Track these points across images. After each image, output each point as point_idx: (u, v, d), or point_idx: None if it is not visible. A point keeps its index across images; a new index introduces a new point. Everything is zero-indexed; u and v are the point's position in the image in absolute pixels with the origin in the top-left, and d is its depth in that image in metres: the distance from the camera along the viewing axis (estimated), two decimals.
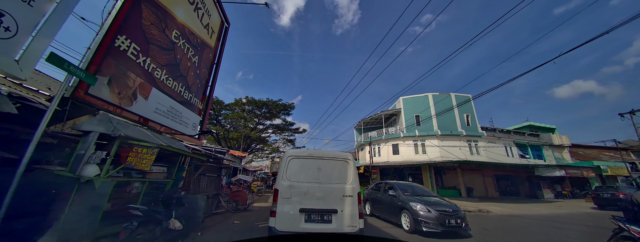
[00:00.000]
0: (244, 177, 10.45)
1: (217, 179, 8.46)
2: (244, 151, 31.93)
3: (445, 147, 22.11)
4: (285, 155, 4.84)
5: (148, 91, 5.92)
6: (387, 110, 26.61)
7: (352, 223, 4.23)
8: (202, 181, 7.08)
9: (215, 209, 8.00)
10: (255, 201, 13.08)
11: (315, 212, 4.23)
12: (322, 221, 4.21)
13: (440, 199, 7.52)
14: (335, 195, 4.41)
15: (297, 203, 4.24)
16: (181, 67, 7.33)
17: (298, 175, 4.52)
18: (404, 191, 7.82)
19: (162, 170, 5.11)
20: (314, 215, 4.23)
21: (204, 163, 6.94)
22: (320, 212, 4.24)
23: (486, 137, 23.37)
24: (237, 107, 27.61)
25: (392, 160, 24.12)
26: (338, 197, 4.39)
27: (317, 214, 4.23)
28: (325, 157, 4.80)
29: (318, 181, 4.51)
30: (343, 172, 4.71)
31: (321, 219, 4.22)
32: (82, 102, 4.31)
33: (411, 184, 8.97)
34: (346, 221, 4.24)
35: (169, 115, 6.67)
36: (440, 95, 24.59)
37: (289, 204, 4.22)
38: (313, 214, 4.22)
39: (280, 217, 4.11)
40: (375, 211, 8.98)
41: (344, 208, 4.32)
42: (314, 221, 4.20)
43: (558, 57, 7.26)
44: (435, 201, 6.95)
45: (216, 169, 8.50)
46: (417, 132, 23.27)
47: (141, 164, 3.61)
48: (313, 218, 4.21)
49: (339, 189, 4.48)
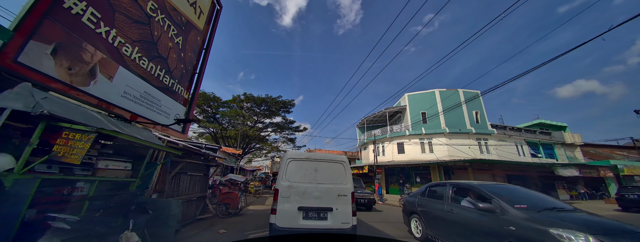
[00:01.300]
0: (235, 177, 9.31)
1: (203, 179, 7.32)
2: (243, 151, 30.84)
3: (454, 145, 20.96)
4: (284, 157, 5.11)
5: (113, 70, 4.83)
6: (392, 107, 25.49)
7: (346, 220, 4.56)
8: (182, 181, 5.94)
9: (201, 214, 6.88)
10: (251, 204, 11.97)
11: (313, 210, 4.53)
12: (319, 218, 4.53)
13: (590, 214, 3.85)
14: (331, 194, 4.69)
15: (296, 202, 4.52)
16: (160, 46, 6.23)
17: (297, 176, 4.80)
18: (511, 203, 3.93)
19: (123, 166, 4.02)
20: (311, 213, 4.53)
21: (182, 159, 5.80)
22: (317, 210, 4.55)
23: (496, 135, 22.22)
24: (235, 104, 26.48)
25: (398, 159, 22.99)
26: (333, 197, 4.68)
27: (314, 212, 4.54)
28: (322, 159, 5.10)
29: (315, 182, 4.79)
30: (338, 173, 4.99)
31: (318, 216, 4.54)
32: (9, 73, 3.22)
33: (508, 186, 5.21)
34: (341, 218, 4.56)
35: (143, 102, 5.57)
36: (447, 91, 23.45)
37: (288, 203, 4.50)
38: (310, 211, 4.53)
39: (280, 215, 4.39)
40: (439, 235, 5.02)
41: (338, 206, 4.61)
42: (311, 218, 4.51)
43: (568, 52, 6.20)
44: (608, 223, 3.39)
45: (202, 168, 7.36)
46: (424, 130, 22.14)
47: (70, 154, 2.54)
48: (310, 215, 4.51)
49: (334, 189, 4.77)
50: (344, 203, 4.66)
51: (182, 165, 5.75)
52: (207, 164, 7.60)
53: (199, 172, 7.03)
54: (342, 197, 4.71)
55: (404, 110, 25.39)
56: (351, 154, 43.53)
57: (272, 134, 33.65)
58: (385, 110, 25.41)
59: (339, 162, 5.11)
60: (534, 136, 24.33)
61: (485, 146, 21.75)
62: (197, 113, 27.01)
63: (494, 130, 22.03)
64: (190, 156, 6.25)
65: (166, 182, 5.04)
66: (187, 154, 6.07)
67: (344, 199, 4.69)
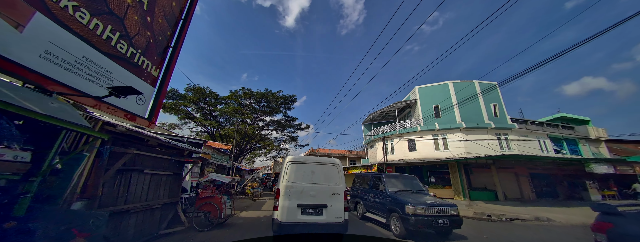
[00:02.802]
0: (217, 176, 7.57)
1: (173, 180, 5.62)
2: (240, 150, 29.24)
3: (471, 141, 19.14)
4: (285, 160, 5.73)
5: (23, 15, 3.24)
6: (400, 101, 23.73)
7: (339, 215, 5.16)
8: (135, 182, 4.27)
9: (169, 227, 5.22)
10: (245, 209, 10.32)
11: (310, 207, 5.14)
12: (315, 214, 5.13)
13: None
14: (326, 193, 5.30)
15: (295, 199, 5.12)
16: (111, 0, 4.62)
17: (296, 177, 5.38)
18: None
19: (12, 156, 2.43)
20: (309, 209, 5.13)
21: (127, 150, 4.12)
22: (314, 207, 5.15)
23: (517, 130, 20.34)
24: (233, 101, 24.89)
25: (409, 157, 21.22)
26: (328, 195, 5.29)
27: (311, 208, 5.14)
28: (318, 162, 5.71)
29: (312, 182, 5.38)
30: (332, 174, 5.60)
31: (314, 212, 5.14)
32: None
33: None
34: (334, 213, 5.16)
35: (81, 71, 3.97)
36: (462, 83, 21.64)
37: (288, 200, 5.10)
38: (308, 208, 5.12)
39: (282, 211, 4.98)
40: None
41: (332, 203, 5.23)
42: (308, 213, 5.10)
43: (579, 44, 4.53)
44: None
45: (172, 165, 5.64)
46: (437, 125, 20.34)
47: None
48: (308, 211, 5.11)
49: (329, 188, 5.38)
50: (337, 200, 5.25)
51: (128, 158, 4.09)
52: (180, 161, 5.91)
53: (165, 171, 5.34)
54: (336, 195, 5.29)
55: (414, 104, 23.61)
56: (356, 153, 41.74)
57: (273, 132, 32.05)
58: (393, 105, 23.66)
59: (332, 164, 5.73)
60: (557, 131, 22.40)
61: (506, 141, 19.88)
62: (193, 111, 25.49)
63: (514, 124, 20.16)
64: (147, 147, 4.59)
65: (103, 183, 3.41)
66: (139, 143, 4.40)
67: (337, 197, 5.27)
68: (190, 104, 22.81)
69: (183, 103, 21.97)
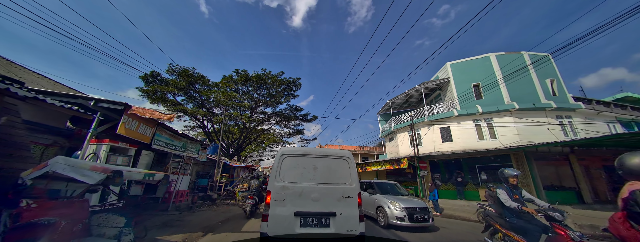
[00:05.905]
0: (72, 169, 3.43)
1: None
2: (238, 146, 25.46)
3: (527, 126, 14.90)
4: (278, 153, 4.34)
5: None
6: (428, 81, 19.52)
7: (352, 227, 3.75)
8: None
9: None
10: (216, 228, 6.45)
11: (312, 215, 3.74)
12: (320, 225, 3.71)
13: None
14: (333, 196, 3.92)
15: (292, 206, 3.75)
16: None
17: (292, 175, 4.03)
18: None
19: None
20: (311, 219, 3.72)
21: None
22: (317, 216, 3.75)
23: (582, 111, 15.99)
24: (228, 87, 21.08)
25: (443, 149, 17.06)
26: (336, 199, 3.91)
27: (314, 218, 3.74)
28: (322, 155, 4.31)
29: (314, 182, 4.02)
30: (342, 171, 4.23)
31: (318, 223, 3.72)
32: None
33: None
34: (345, 224, 3.74)
35: None
36: (507, 55, 17.38)
37: (282, 207, 3.72)
38: (309, 218, 3.73)
39: (273, 222, 3.61)
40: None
41: (343, 211, 3.82)
42: (310, 225, 3.69)
43: None
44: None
45: None
46: (480, 108, 16.12)
47: None
48: (309, 222, 3.70)
49: (338, 190, 4.00)
50: (349, 206, 3.88)
51: None
52: None
53: None
54: (347, 199, 3.93)
55: (446, 84, 19.38)
56: (369, 149, 37.64)
57: (275, 127, 28.18)
58: (419, 86, 19.48)
59: (342, 158, 4.34)
60: (627, 113, 17.93)
61: (570, 125, 15.55)
62: (185, 102, 21.77)
63: (580, 104, 15.80)
64: None
65: None
66: None
67: (348, 202, 3.92)
68: (177, 90, 18.99)
69: (167, 89, 18.15)
